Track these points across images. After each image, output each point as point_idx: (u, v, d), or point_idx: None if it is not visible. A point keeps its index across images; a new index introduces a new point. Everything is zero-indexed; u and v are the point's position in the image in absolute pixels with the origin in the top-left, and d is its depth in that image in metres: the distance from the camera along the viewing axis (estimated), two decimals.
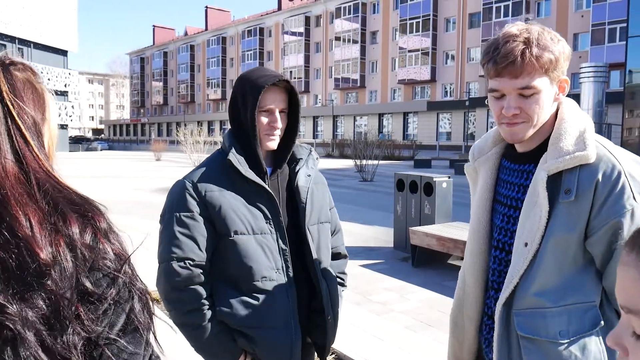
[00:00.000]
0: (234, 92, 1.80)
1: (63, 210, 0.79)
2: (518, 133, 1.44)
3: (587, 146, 1.38)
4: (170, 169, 27.38)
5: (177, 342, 1.79)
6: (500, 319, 1.49)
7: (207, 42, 76.65)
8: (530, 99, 1.40)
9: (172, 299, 1.69)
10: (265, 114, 1.75)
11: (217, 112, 74.94)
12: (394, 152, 33.89)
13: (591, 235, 1.39)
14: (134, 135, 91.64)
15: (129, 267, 0.83)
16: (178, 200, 1.72)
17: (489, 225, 1.62)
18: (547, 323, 1.42)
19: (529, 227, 1.43)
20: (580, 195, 1.37)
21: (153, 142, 42.10)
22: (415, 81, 50.54)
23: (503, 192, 1.59)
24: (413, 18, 49.71)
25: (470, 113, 44.13)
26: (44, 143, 0.88)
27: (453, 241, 6.34)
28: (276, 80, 1.72)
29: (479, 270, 1.63)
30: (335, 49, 57.50)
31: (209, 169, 1.78)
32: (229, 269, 1.74)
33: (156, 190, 16.46)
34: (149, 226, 9.08)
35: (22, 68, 0.90)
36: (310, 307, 1.89)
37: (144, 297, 0.84)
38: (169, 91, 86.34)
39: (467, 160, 1.78)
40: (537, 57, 1.36)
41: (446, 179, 7.46)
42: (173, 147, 45.67)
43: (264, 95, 1.71)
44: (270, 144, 1.78)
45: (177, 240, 1.67)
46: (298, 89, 1.76)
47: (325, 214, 1.95)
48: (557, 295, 1.42)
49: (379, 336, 4.29)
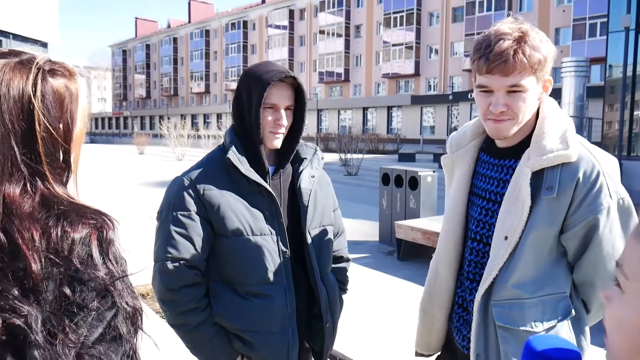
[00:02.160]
0: (238, 87, 1.74)
1: (69, 219, 0.80)
2: (503, 130, 1.49)
3: (569, 146, 1.43)
4: (153, 162, 27.15)
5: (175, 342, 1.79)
6: (479, 309, 1.53)
7: (190, 35, 75.89)
8: (518, 97, 1.44)
9: (166, 299, 1.65)
10: (270, 110, 1.69)
11: (201, 106, 74.41)
12: (378, 146, 34.00)
13: (567, 231, 1.46)
14: (117, 128, 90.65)
15: (121, 284, 0.82)
16: (175, 198, 1.67)
17: (464, 216, 1.67)
18: (525, 313, 1.48)
19: (509, 221, 1.47)
20: (561, 192, 1.42)
21: (136, 135, 41.70)
22: (399, 75, 50.65)
23: (481, 185, 1.63)
24: (397, 12, 49.73)
25: (453, 107, 44.37)
26: (69, 151, 0.89)
27: (438, 235, 6.38)
28: (283, 76, 1.66)
29: (452, 261, 1.68)
30: (320, 43, 57.34)
31: (208, 166, 1.73)
32: (226, 270, 1.69)
33: (140, 185, 16.33)
34: (133, 221, 9.03)
35: (60, 73, 0.89)
36: (310, 312, 1.85)
37: (132, 312, 0.83)
38: (152, 84, 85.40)
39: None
40: (528, 57, 1.41)
41: (431, 173, 7.52)
42: (156, 140, 45.29)
43: (270, 91, 1.65)
44: (274, 142, 1.72)
45: (173, 239, 1.63)
46: None
47: (328, 216, 1.89)
48: (534, 286, 1.48)
49: (366, 330, 4.31)
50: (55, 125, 0.86)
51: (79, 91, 0.91)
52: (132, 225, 8.65)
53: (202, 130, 39.37)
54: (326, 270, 1.86)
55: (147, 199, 12.84)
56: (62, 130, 0.88)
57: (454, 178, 1.72)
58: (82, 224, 0.81)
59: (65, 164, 0.89)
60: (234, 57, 68.08)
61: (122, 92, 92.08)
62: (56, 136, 0.86)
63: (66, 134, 0.88)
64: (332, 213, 1.94)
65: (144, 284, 5.22)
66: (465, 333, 1.66)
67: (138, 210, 10.73)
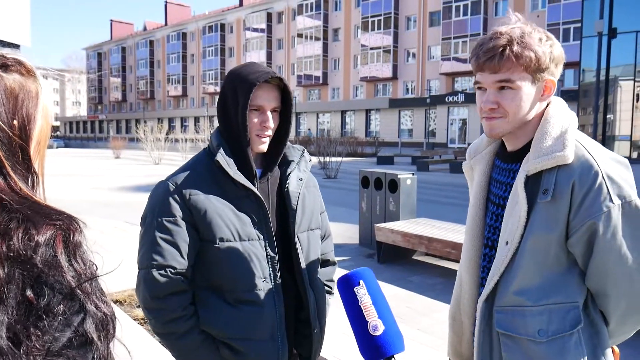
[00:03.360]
0: (223, 88, 1.70)
1: (32, 221, 0.77)
2: (495, 128, 1.47)
3: (565, 147, 1.39)
4: (130, 166, 26.79)
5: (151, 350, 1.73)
6: (482, 315, 1.51)
7: (167, 38, 75.19)
8: (507, 93, 1.43)
9: (151, 307, 1.60)
10: (256, 112, 1.65)
11: (178, 109, 73.73)
12: (357, 149, 34.06)
13: (571, 236, 1.40)
14: (92, 132, 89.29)
15: (90, 287, 0.79)
16: (160, 203, 1.62)
17: (482, 222, 1.64)
18: (527, 321, 1.43)
19: (510, 226, 1.45)
20: (558, 195, 1.38)
21: (112, 139, 41.10)
22: (377, 78, 50.90)
23: (494, 191, 1.61)
24: (374, 16, 50.00)
25: (431, 110, 44.73)
26: (27, 150, 0.84)
27: (418, 237, 6.40)
28: (268, 77, 1.62)
29: (474, 267, 1.65)
30: (298, 46, 57.34)
31: (194, 170, 1.68)
32: (213, 277, 1.65)
33: (116, 189, 16.09)
34: (109, 226, 8.87)
35: (14, 69, 0.85)
36: (297, 317, 1.81)
37: (102, 317, 0.79)
38: (128, 87, 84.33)
39: (427, 157, 1.80)
40: (516, 55, 1.40)
41: (410, 175, 7.54)
42: (132, 144, 44.72)
43: (255, 92, 1.61)
44: (260, 146, 1.68)
45: (158, 246, 1.58)
46: None
47: (316, 219, 1.86)
48: (538, 294, 1.43)
49: (347, 333, 4.28)
50: (7, 120, 0.82)
51: (39, 90, 0.87)
52: (108, 230, 8.49)
53: (179, 134, 39.02)
54: (314, 275, 1.83)
55: (124, 203, 12.64)
56: (17, 126, 0.83)
57: (473, 184, 1.70)
58: (46, 225, 0.77)
59: (26, 164, 0.85)
60: (211, 60, 67.67)
61: (97, 95, 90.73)
62: (10, 133, 0.82)
63: (22, 131, 0.84)
64: (320, 216, 1.91)
65: (120, 290, 5.12)
66: None
67: (114, 214, 10.55)
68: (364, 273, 1.15)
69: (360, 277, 1.13)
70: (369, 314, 1.08)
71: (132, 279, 1.68)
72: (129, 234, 8.22)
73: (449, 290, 6.28)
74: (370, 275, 1.15)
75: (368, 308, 1.08)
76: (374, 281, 1.15)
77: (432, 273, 6.48)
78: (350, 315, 1.10)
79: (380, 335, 1.06)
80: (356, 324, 1.09)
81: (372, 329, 1.07)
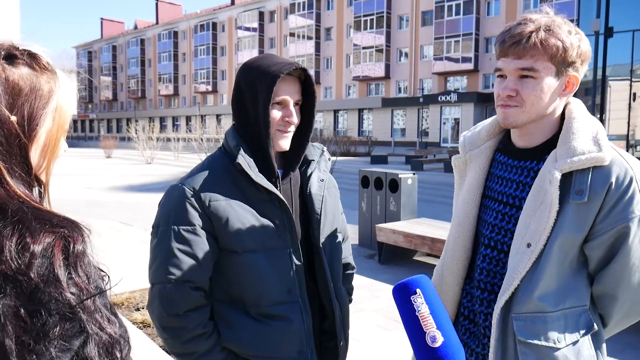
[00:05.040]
0: (237, 83, 1.54)
1: (28, 228, 0.68)
2: (510, 117, 1.41)
3: (602, 147, 1.35)
4: (121, 166, 26.56)
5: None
6: (498, 322, 1.42)
7: (158, 37, 74.78)
8: (528, 82, 1.37)
9: (169, 326, 1.45)
10: (279, 107, 1.51)
11: (170, 108, 73.38)
12: (350, 148, 34.04)
13: (593, 239, 1.37)
14: (82, 131, 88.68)
15: (93, 305, 0.70)
16: (176, 210, 1.46)
17: (475, 220, 1.57)
18: (548, 327, 1.38)
19: (533, 227, 1.38)
20: (592, 197, 1.34)
21: (102, 138, 40.73)
22: (369, 78, 50.89)
23: (496, 188, 1.54)
24: (367, 15, 49.99)
25: (423, 109, 44.79)
26: (27, 147, 0.77)
27: (420, 238, 6.30)
28: (292, 68, 1.47)
29: (460, 268, 1.58)
30: (290, 45, 57.19)
31: (212, 172, 1.52)
32: (235, 290, 1.51)
33: (108, 189, 15.89)
34: (102, 226, 8.71)
35: (23, 62, 0.79)
36: (321, 329, 1.68)
37: (107, 340, 0.71)
38: (119, 86, 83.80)
39: (421, 157, 1.71)
40: (542, 41, 1.34)
41: (411, 175, 7.44)
42: (124, 143, 44.44)
43: (278, 85, 1.46)
44: (283, 143, 1.54)
45: (175, 258, 1.43)
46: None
47: (338, 222, 1.74)
48: (557, 298, 1.39)
49: (352, 336, 4.18)
50: (1, 115, 0.74)
51: (53, 88, 0.80)
52: (102, 230, 8.33)
53: (170, 133, 38.75)
54: (339, 283, 1.70)
55: (117, 203, 12.46)
56: (17, 124, 0.76)
57: (466, 180, 1.62)
58: (45, 232, 0.69)
59: (26, 167, 0.76)
60: (203, 59, 67.36)
61: (87, 94, 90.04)
62: (5, 129, 0.74)
63: (23, 129, 0.76)
64: (340, 217, 1.79)
65: (118, 292, 4.97)
66: (474, 347, 1.54)
67: (107, 214, 10.37)
68: (421, 281, 1.07)
69: (417, 285, 1.06)
70: (427, 325, 1.02)
71: (129, 281, 1.55)
72: (123, 234, 8.07)
73: None
74: (427, 283, 1.08)
75: (426, 318, 1.02)
76: (432, 289, 1.08)
77: None
78: (407, 325, 1.04)
79: (439, 347, 1.01)
80: (414, 335, 1.03)
81: (431, 340, 1.01)
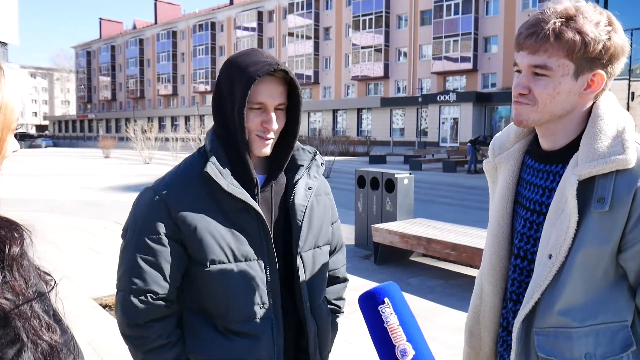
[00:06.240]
0: (218, 80, 1.43)
1: None
2: (521, 114, 1.32)
3: (625, 149, 1.21)
4: (119, 166, 26.51)
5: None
6: (519, 336, 1.34)
7: (157, 36, 74.72)
8: (541, 80, 1.26)
9: (130, 335, 1.40)
10: (258, 111, 1.39)
11: (168, 108, 73.28)
12: (349, 148, 33.99)
13: (626, 249, 1.23)
14: (81, 131, 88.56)
15: (31, 310, 0.66)
16: (143, 216, 1.40)
17: (509, 229, 1.47)
18: (573, 344, 1.27)
19: (554, 237, 1.27)
20: (616, 204, 1.21)
21: (101, 138, 40.68)
22: (368, 77, 50.85)
23: (525, 194, 1.43)
24: (366, 15, 49.95)
25: (422, 109, 44.74)
26: None
27: (416, 238, 6.27)
28: (271, 69, 1.34)
29: (498, 279, 1.48)
30: (289, 45, 57.14)
31: (184, 176, 1.43)
32: (204, 301, 1.43)
33: (105, 189, 15.84)
34: (97, 227, 8.66)
35: None
36: (298, 344, 1.58)
37: (47, 349, 0.66)
38: (117, 86, 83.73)
39: (420, 156, 1.63)
40: (557, 35, 1.21)
41: (407, 175, 7.40)
42: (122, 143, 44.34)
43: (256, 87, 1.35)
44: (262, 150, 1.43)
45: (138, 268, 1.37)
46: None
47: (325, 234, 1.62)
48: (585, 313, 1.27)
49: (347, 339, 4.14)
50: None
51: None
52: (97, 231, 8.29)
53: (169, 133, 38.69)
54: (318, 300, 1.59)
55: (114, 203, 12.42)
56: None
57: (497, 185, 1.52)
58: None
59: None
60: (201, 59, 67.29)
61: (86, 94, 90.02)
62: None
63: None
64: (330, 228, 1.67)
65: (110, 294, 4.93)
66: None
67: (104, 214, 10.33)
68: (389, 289, 0.99)
69: (385, 294, 0.99)
70: (397, 337, 0.94)
71: None
72: (118, 234, 8.01)
73: (448, 292, 6.13)
74: (396, 291, 1.00)
75: (395, 330, 0.94)
76: (401, 298, 1.00)
77: (431, 275, 6.35)
78: (375, 337, 0.95)
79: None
80: (382, 348, 0.94)
81: (401, 354, 0.92)
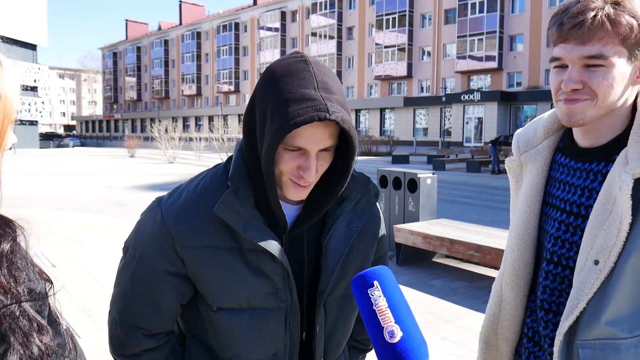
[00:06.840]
0: (254, 96, 1.16)
1: None
2: (577, 113, 1.19)
3: None
4: (144, 165, 26.84)
5: None
6: (561, 350, 1.24)
7: (182, 37, 75.55)
8: (597, 71, 1.15)
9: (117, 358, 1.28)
10: (295, 152, 1.10)
11: (192, 108, 74.07)
12: (372, 148, 33.85)
13: None
14: (107, 131, 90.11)
15: (19, 310, 0.63)
16: (147, 242, 1.20)
17: (536, 232, 1.37)
18: (622, 357, 1.18)
19: (601, 241, 1.17)
20: None
21: (127, 138, 41.29)
22: (391, 77, 50.58)
23: (557, 194, 1.33)
24: (389, 14, 49.70)
25: (446, 109, 44.32)
26: None
27: (439, 239, 6.17)
28: (316, 119, 1.03)
29: (522, 285, 1.39)
30: (312, 45, 57.17)
31: (201, 200, 1.18)
32: (210, 341, 1.25)
33: (130, 188, 16.04)
34: (121, 225, 8.76)
35: None
36: None
37: (36, 354, 0.64)
38: (143, 87, 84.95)
39: (443, 156, 1.53)
40: (612, 21, 1.11)
41: (430, 175, 7.29)
42: (147, 143, 44.93)
43: (297, 131, 1.06)
44: (295, 195, 1.16)
45: (131, 301, 1.21)
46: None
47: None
48: (633, 323, 1.18)
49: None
50: None
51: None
52: (120, 229, 8.38)
53: (193, 133, 39.10)
54: (335, 355, 1.36)
55: (137, 202, 12.55)
56: None
57: (523, 185, 1.42)
58: None
59: None
60: (225, 60, 67.81)
61: (112, 94, 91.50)
62: None
63: None
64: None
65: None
66: None
67: (127, 213, 10.44)
68: (379, 272, 0.96)
69: (375, 277, 0.95)
70: (385, 319, 0.91)
71: None
72: None
73: (472, 294, 6.00)
74: (386, 274, 0.96)
75: (383, 312, 0.91)
76: (392, 281, 0.96)
77: (454, 276, 6.24)
78: (365, 320, 0.93)
79: (397, 343, 0.89)
80: (372, 330, 0.92)
81: (389, 335, 0.89)
